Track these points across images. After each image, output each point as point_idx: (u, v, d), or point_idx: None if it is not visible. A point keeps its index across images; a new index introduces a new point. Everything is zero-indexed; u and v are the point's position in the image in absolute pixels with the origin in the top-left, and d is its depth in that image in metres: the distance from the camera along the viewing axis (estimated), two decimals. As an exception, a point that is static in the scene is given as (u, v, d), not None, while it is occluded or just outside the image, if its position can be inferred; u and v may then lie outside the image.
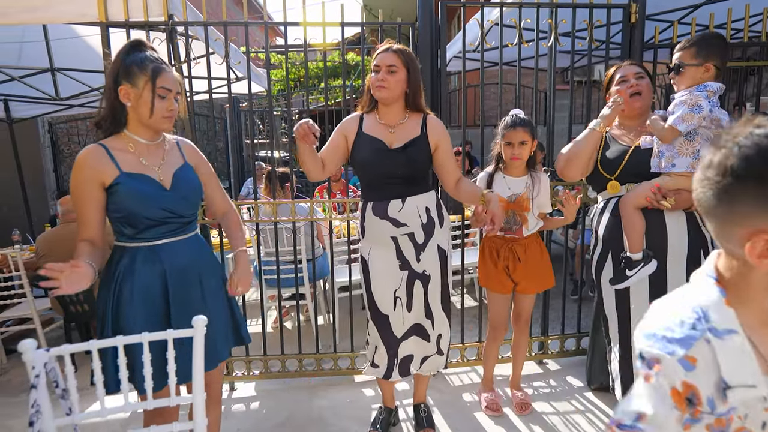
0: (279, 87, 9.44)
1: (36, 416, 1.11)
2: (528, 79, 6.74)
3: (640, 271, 1.78)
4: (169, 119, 1.48)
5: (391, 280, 1.92)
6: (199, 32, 2.48)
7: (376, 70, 1.83)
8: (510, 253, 2.16)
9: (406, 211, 1.87)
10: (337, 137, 1.94)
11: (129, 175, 1.43)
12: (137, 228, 1.46)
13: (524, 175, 2.13)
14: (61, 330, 3.42)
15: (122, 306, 1.44)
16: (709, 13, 2.55)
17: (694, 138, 1.65)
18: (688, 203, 1.70)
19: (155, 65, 1.43)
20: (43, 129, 7.34)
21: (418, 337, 2.00)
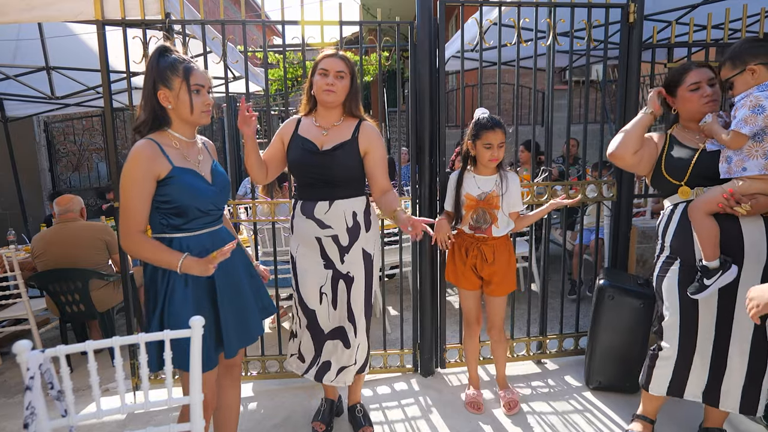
0: (276, 86, 9.41)
1: (31, 418, 1.09)
2: (526, 78, 6.76)
3: (720, 279, 1.66)
4: (207, 113, 1.59)
5: (316, 277, 1.98)
6: (196, 31, 2.46)
7: (323, 74, 1.87)
8: (478, 252, 2.17)
9: (332, 213, 1.92)
10: (276, 140, 2.00)
11: (181, 169, 1.53)
12: (186, 218, 1.55)
13: (494, 174, 2.15)
14: (57, 330, 3.40)
15: (174, 295, 1.51)
16: (707, 13, 2.55)
17: (762, 139, 1.56)
18: (765, 208, 1.61)
19: (185, 65, 1.53)
20: (38, 128, 7.31)
21: (339, 342, 2.03)
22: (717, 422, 1.94)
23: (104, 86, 2.35)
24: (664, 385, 1.92)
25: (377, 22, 2.49)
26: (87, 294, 3.07)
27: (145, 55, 2.32)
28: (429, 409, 2.36)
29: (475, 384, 2.43)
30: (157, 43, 1.61)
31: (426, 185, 2.55)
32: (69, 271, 3.04)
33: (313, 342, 2.04)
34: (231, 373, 1.80)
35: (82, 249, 3.15)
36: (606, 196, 2.73)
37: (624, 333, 2.36)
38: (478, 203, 2.13)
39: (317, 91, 1.89)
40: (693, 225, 1.74)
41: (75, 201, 3.29)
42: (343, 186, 1.93)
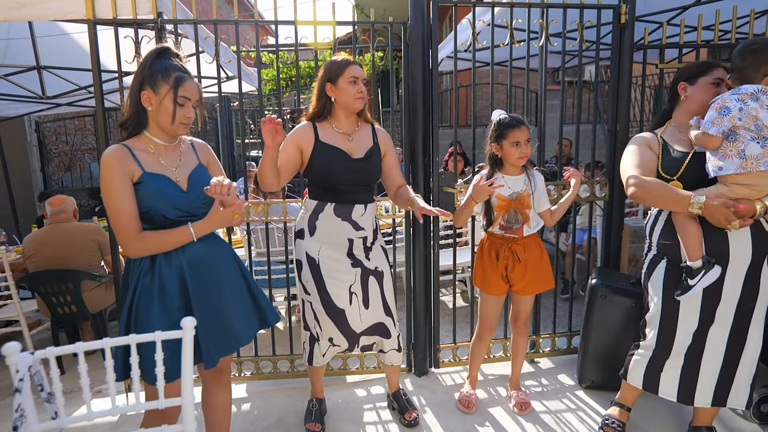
0: (270, 86, 9.39)
1: (20, 420, 1.09)
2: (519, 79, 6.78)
3: (703, 278, 1.69)
4: (186, 126, 1.55)
5: (346, 277, 2.00)
6: (188, 30, 2.45)
7: (353, 81, 1.91)
8: (509, 253, 2.15)
9: (366, 216, 2.01)
10: (291, 149, 1.94)
11: (151, 174, 1.49)
12: (154, 224, 1.50)
13: (521, 173, 2.15)
14: (49, 332, 3.38)
15: (141, 300, 1.48)
16: (698, 15, 2.57)
17: (736, 139, 1.61)
18: (750, 212, 1.62)
19: (178, 74, 1.50)
20: (30, 128, 7.25)
21: (379, 336, 2.12)
22: (706, 421, 1.96)
23: (96, 86, 2.33)
24: (640, 376, 1.97)
25: (370, 23, 2.49)
26: (79, 295, 3.05)
27: (137, 53, 2.31)
28: (423, 409, 2.37)
29: (473, 384, 2.43)
30: (152, 44, 1.58)
31: (420, 185, 2.56)
32: (61, 272, 3.02)
33: (347, 340, 2.08)
34: (219, 379, 1.77)
35: (74, 250, 3.13)
36: (598, 196, 2.75)
37: (616, 332, 2.37)
38: (509, 203, 2.11)
39: (348, 98, 1.92)
40: (676, 226, 1.78)
41: (68, 202, 3.26)
42: (371, 190, 2.06)
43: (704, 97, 1.79)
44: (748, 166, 1.59)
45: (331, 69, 1.93)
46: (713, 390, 1.84)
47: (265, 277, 3.13)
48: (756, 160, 1.58)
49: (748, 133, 1.60)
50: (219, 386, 1.77)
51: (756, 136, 1.59)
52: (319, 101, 1.97)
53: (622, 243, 2.72)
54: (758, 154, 1.57)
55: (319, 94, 1.97)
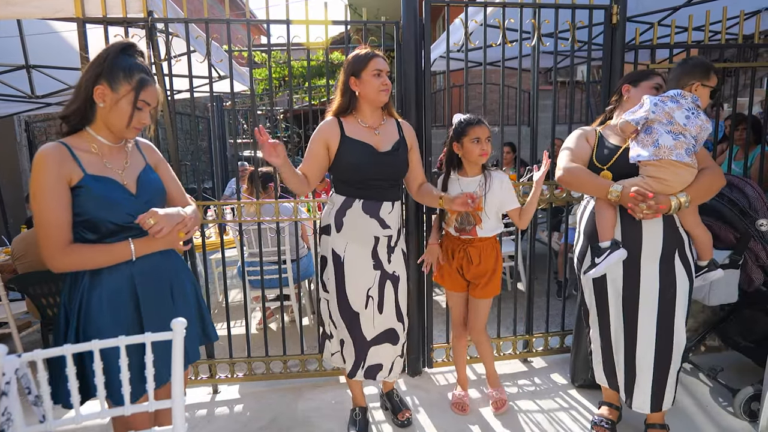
0: (262, 86, 9.35)
1: (7, 424, 1.07)
2: (512, 79, 6.79)
3: (607, 258, 1.81)
4: (138, 130, 1.45)
5: (365, 279, 1.98)
6: (179, 30, 2.43)
7: (377, 74, 1.89)
8: (464, 254, 2.18)
9: (393, 214, 1.98)
10: (318, 147, 1.92)
11: (94, 177, 1.36)
12: (99, 233, 1.37)
13: (478, 174, 2.15)
14: (39, 334, 3.34)
15: (91, 314, 1.36)
16: (688, 15, 2.59)
17: (651, 131, 1.77)
18: (666, 206, 1.74)
19: (142, 77, 1.39)
20: (19, 128, 7.16)
21: (389, 344, 2.06)
22: (657, 418, 2.00)
23: (85, 85, 2.30)
24: (602, 375, 2.08)
25: (363, 22, 2.48)
26: (69, 296, 3.01)
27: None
28: (416, 409, 2.36)
29: (463, 385, 2.43)
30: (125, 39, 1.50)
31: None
32: (50, 274, 2.96)
33: (355, 348, 2.03)
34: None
35: (63, 251, 3.09)
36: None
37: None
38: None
39: (373, 91, 1.89)
40: (596, 211, 1.92)
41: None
42: (398, 186, 2.03)
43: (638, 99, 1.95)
44: (661, 154, 1.72)
45: (354, 63, 1.90)
46: (650, 396, 1.92)
47: (257, 278, 3.11)
48: (669, 150, 1.71)
49: (662, 127, 1.74)
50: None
51: (670, 130, 1.74)
52: (344, 96, 1.94)
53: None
54: (671, 145, 1.72)
55: (343, 88, 1.94)
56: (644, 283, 1.87)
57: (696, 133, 1.75)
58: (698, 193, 1.78)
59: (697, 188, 1.77)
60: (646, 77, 1.97)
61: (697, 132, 1.75)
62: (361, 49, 1.94)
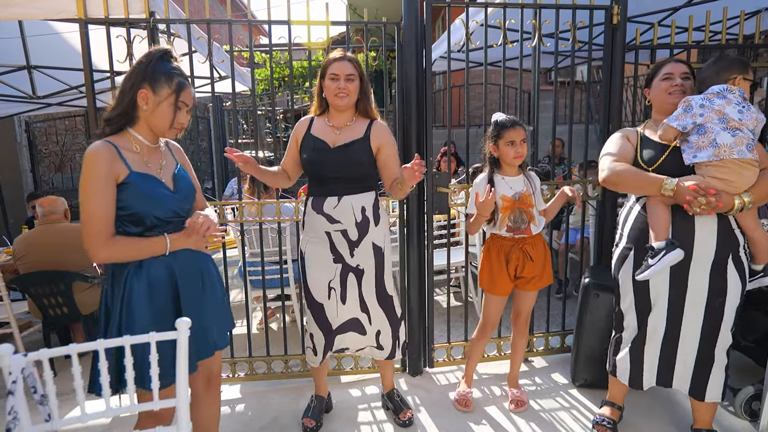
0: (263, 86, 9.35)
1: (13, 423, 1.07)
2: (512, 79, 6.80)
3: (663, 258, 1.71)
4: (177, 131, 1.55)
5: (325, 272, 2.02)
6: (181, 30, 2.44)
7: (334, 78, 1.91)
8: (521, 254, 2.16)
9: (341, 208, 1.97)
10: (291, 142, 2.08)
11: (139, 174, 1.45)
12: (143, 226, 1.47)
13: (519, 174, 2.18)
14: (40, 334, 3.34)
15: (133, 301, 1.44)
16: (689, 16, 2.60)
17: (705, 132, 1.69)
18: (728, 206, 1.67)
19: (180, 79, 1.50)
20: (20, 128, 7.17)
21: (354, 332, 2.11)
22: (706, 423, 1.97)
23: (87, 86, 2.31)
24: (626, 372, 2.01)
25: (364, 23, 2.49)
26: (70, 296, 3.02)
27: (129, 54, 2.29)
28: (417, 409, 2.37)
29: (469, 382, 2.44)
30: (162, 46, 1.55)
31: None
32: (52, 274, 2.98)
33: (324, 336, 2.09)
34: (209, 387, 1.72)
35: (65, 251, 3.09)
36: (591, 196, 2.77)
37: (609, 330, 2.38)
38: (514, 204, 2.13)
39: (329, 95, 1.94)
40: (648, 209, 1.83)
41: (59, 202, 3.23)
42: (353, 182, 1.99)
43: (658, 94, 1.91)
44: (722, 153, 1.65)
45: (322, 66, 1.97)
46: (689, 381, 1.89)
47: (258, 278, 3.12)
48: (729, 148, 1.64)
49: (716, 125, 1.67)
50: (208, 397, 1.71)
51: (726, 127, 1.66)
52: (318, 97, 2.04)
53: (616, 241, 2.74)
54: (730, 143, 1.64)
55: (317, 89, 2.03)
56: (692, 289, 1.79)
57: (753, 126, 1.67)
58: (761, 194, 1.69)
59: (760, 188, 1.68)
60: (654, 74, 1.92)
61: (753, 125, 1.67)
62: (334, 52, 1.99)
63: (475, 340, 2.39)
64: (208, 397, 1.72)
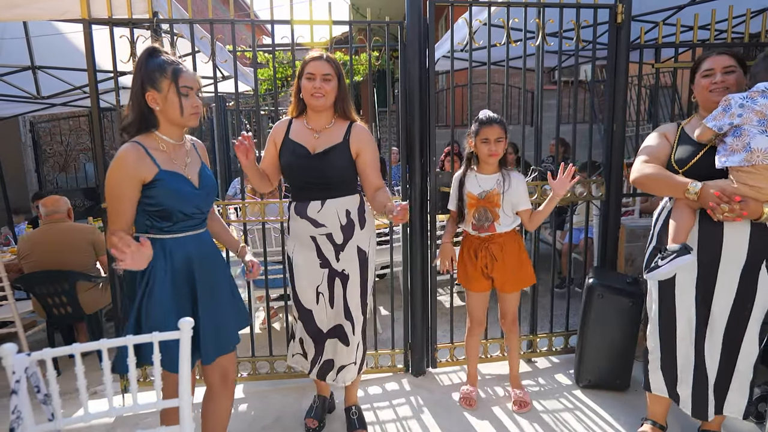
0: (266, 86, 9.36)
1: (17, 422, 1.08)
2: (516, 78, 6.78)
3: (672, 261, 1.63)
4: (196, 115, 1.58)
5: (313, 277, 2.00)
6: (184, 30, 2.44)
7: (310, 77, 1.88)
8: (487, 253, 2.18)
9: (325, 212, 1.94)
10: (269, 146, 2.02)
11: (167, 172, 1.53)
12: (170, 221, 1.55)
13: (496, 172, 2.17)
14: (44, 333, 3.36)
15: (154, 291, 1.51)
16: (694, 14, 2.58)
17: (740, 134, 1.60)
18: (756, 213, 1.60)
19: (174, 67, 1.52)
20: (24, 128, 7.21)
21: (338, 341, 2.05)
22: (714, 425, 1.95)
23: (91, 86, 2.32)
24: (661, 383, 1.92)
25: (367, 22, 2.48)
26: (74, 296, 3.03)
27: (132, 54, 2.29)
28: (420, 409, 2.37)
29: (472, 381, 2.44)
30: (146, 44, 1.59)
31: (416, 185, 2.56)
32: (56, 273, 3.00)
33: (314, 342, 2.06)
34: (225, 382, 1.77)
35: (69, 250, 3.11)
36: (595, 196, 2.75)
37: (613, 331, 2.38)
38: (479, 202, 2.15)
39: (305, 95, 1.91)
40: (672, 210, 1.78)
41: (61, 202, 3.25)
42: (335, 187, 1.96)
43: (700, 91, 1.82)
44: (754, 158, 1.55)
45: (300, 65, 1.94)
46: (713, 400, 1.81)
47: (261, 277, 3.12)
48: (763, 153, 1.54)
49: (753, 127, 1.58)
50: (223, 392, 1.76)
51: (764, 129, 1.56)
52: (296, 97, 1.99)
53: (619, 242, 2.73)
54: (765, 147, 1.54)
55: (295, 89, 1.98)
56: (719, 294, 1.74)
57: None
58: None
59: None
60: (695, 70, 1.82)
61: None
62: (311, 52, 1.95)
63: (467, 339, 2.41)
64: (224, 392, 1.76)
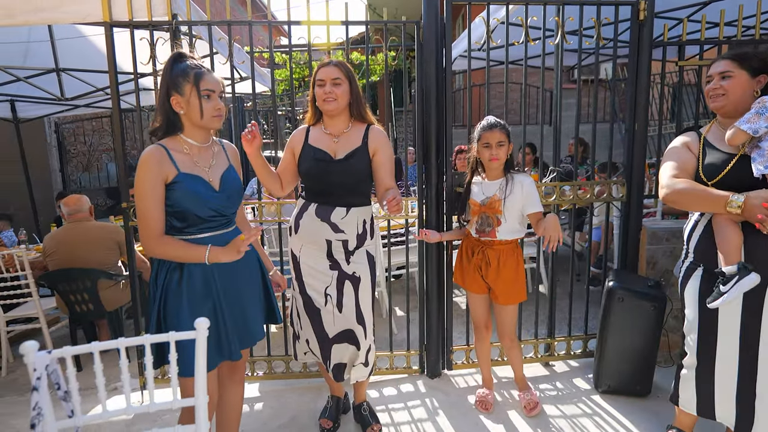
0: (283, 87, 9.43)
1: (37, 419, 1.10)
2: (534, 77, 6.70)
3: (737, 285, 1.53)
4: (219, 118, 1.60)
5: (322, 278, 2.00)
6: (202, 32, 2.47)
7: (320, 84, 1.91)
8: (482, 256, 2.17)
9: (348, 220, 1.97)
10: (287, 153, 2.04)
11: (186, 175, 1.55)
12: (186, 222, 1.58)
13: (500, 177, 2.15)
14: (67, 329, 3.43)
15: (170, 292, 1.55)
16: (720, 10, 2.51)
17: None
18: None
19: (196, 71, 1.56)
20: (49, 129, 7.39)
21: (347, 344, 2.04)
22: None
23: (112, 87, 2.36)
24: (692, 401, 1.84)
25: (383, 22, 2.47)
26: (95, 293, 3.09)
27: (152, 56, 2.33)
28: (435, 411, 2.35)
29: (488, 384, 2.42)
30: (166, 46, 1.62)
31: (432, 185, 2.54)
32: (77, 271, 3.06)
33: (320, 346, 2.05)
34: (234, 374, 1.81)
35: (93, 248, 3.18)
36: (615, 197, 2.70)
37: (634, 335, 2.33)
38: (481, 208, 2.15)
39: (318, 101, 1.94)
40: (715, 229, 1.66)
41: (82, 201, 3.32)
42: (356, 193, 1.99)
43: (706, 96, 1.77)
44: None
45: (312, 74, 1.97)
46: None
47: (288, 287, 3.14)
48: None
49: None
50: (232, 383, 1.81)
51: None
52: (312, 106, 2.02)
53: (640, 245, 2.67)
54: None
55: (310, 98, 2.02)
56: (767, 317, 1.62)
57: None
58: None
59: None
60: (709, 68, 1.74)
61: None
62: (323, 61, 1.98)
63: (476, 344, 2.41)
64: (231, 382, 1.80)
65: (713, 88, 1.72)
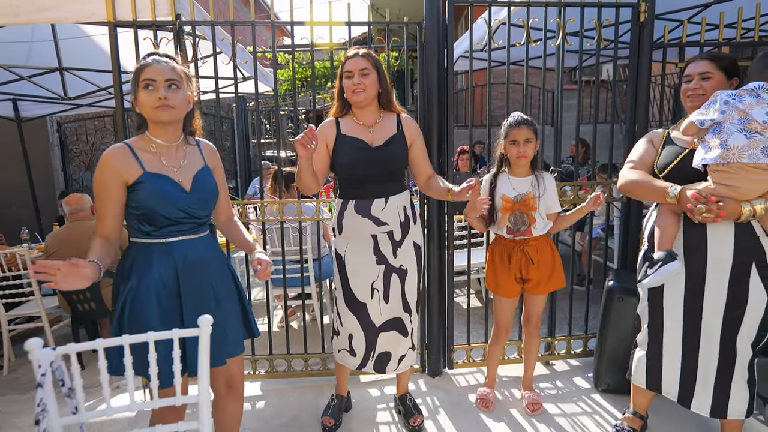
0: (286, 86, 9.44)
1: (42, 415, 1.11)
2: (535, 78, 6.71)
3: (659, 270, 1.68)
4: (162, 108, 1.45)
5: (369, 274, 2.01)
6: (206, 32, 2.48)
7: (348, 75, 1.91)
8: (522, 255, 2.15)
9: (388, 210, 1.96)
10: (320, 146, 1.95)
11: (152, 174, 1.48)
12: (155, 226, 1.50)
13: (529, 175, 2.14)
14: (69, 328, 3.45)
15: (138, 299, 1.47)
16: (719, 12, 2.52)
17: (720, 131, 1.60)
18: (734, 214, 1.60)
19: (141, 63, 1.49)
20: (51, 128, 7.40)
21: (396, 332, 2.07)
22: (734, 429, 1.89)
23: (115, 87, 2.37)
24: (642, 375, 1.96)
25: (386, 23, 2.49)
26: (97, 292, 3.11)
27: (155, 56, 2.34)
28: (436, 410, 2.36)
29: (490, 383, 2.42)
30: (170, 46, 1.60)
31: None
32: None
33: (365, 336, 2.07)
34: (231, 388, 1.71)
35: (93, 248, 3.19)
36: (616, 197, 2.70)
37: (633, 335, 2.33)
38: (514, 205, 2.11)
39: (347, 93, 1.93)
40: (657, 218, 1.79)
41: (84, 199, 3.33)
42: (395, 180, 1.99)
43: (681, 95, 1.86)
44: (730, 156, 1.55)
45: (340, 66, 1.97)
46: (710, 401, 1.81)
47: (279, 276, 3.15)
48: (739, 151, 1.53)
49: (733, 126, 1.57)
50: (231, 398, 1.73)
51: (743, 128, 1.56)
52: (339, 98, 2.00)
53: (639, 245, 2.67)
54: (743, 145, 1.53)
55: (338, 91, 2.00)
56: (708, 298, 1.73)
57: None
58: None
59: None
60: (682, 73, 1.85)
61: None
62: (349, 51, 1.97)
63: (491, 344, 2.39)
64: (229, 398, 1.72)
65: (693, 88, 1.78)
